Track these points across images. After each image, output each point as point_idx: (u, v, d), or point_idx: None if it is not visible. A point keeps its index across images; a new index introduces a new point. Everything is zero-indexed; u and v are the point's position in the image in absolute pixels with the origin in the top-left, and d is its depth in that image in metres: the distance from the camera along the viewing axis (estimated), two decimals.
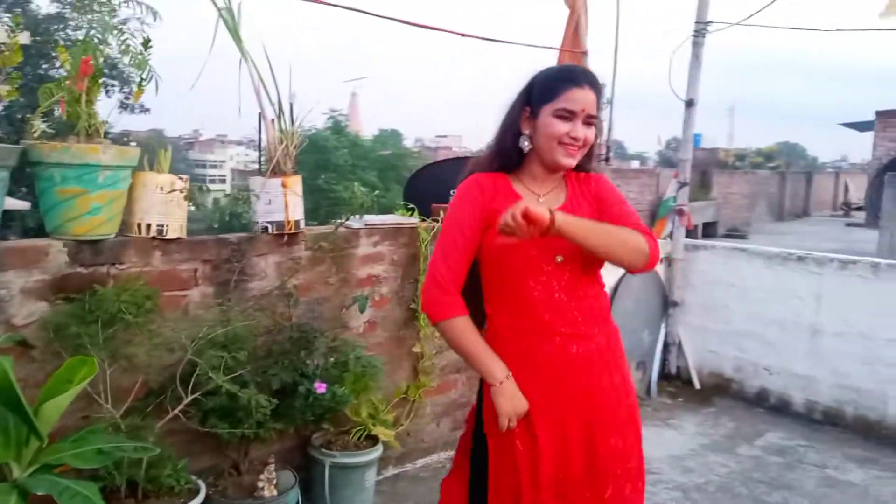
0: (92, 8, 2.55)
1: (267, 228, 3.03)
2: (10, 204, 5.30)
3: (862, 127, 20.55)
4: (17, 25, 2.49)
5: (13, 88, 2.47)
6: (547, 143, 1.95)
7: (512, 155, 2.01)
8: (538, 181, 2.02)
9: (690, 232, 5.42)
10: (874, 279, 4.36)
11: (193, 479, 2.60)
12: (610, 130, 5.12)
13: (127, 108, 16.05)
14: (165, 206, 2.70)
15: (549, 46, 4.63)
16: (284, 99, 3.08)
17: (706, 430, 4.47)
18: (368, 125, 32.86)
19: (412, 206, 3.72)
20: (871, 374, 4.36)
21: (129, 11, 2.69)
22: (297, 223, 3.09)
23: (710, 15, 5.07)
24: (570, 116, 1.92)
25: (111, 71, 14.48)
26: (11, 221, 11.72)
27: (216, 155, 72.68)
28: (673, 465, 3.93)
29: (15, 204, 7.09)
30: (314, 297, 3.23)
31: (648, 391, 5.07)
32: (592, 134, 1.97)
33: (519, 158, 2.02)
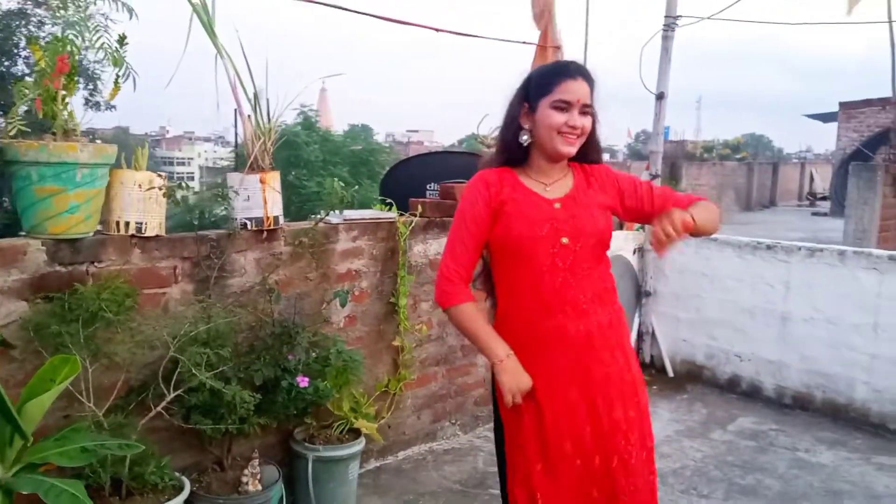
0: (66, 4, 2.53)
1: (246, 225, 3.03)
2: None
3: (826, 118, 20.96)
4: None
5: None
6: (547, 133, 2.05)
7: (515, 150, 2.12)
8: (544, 172, 2.14)
9: None
10: (840, 266, 4.47)
11: (177, 475, 2.61)
12: None
13: (92, 105, 15.72)
14: (144, 203, 2.69)
15: (522, 41, 4.68)
16: (261, 94, 3.08)
17: (680, 416, 4.56)
18: (339, 120, 32.72)
19: (390, 200, 3.73)
20: (838, 358, 4.48)
21: (104, 7, 2.67)
22: (276, 219, 3.09)
23: (679, 9, 5.15)
24: (566, 107, 2.03)
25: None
26: None
27: (184, 152, 71.61)
28: None
29: None
30: (294, 292, 3.23)
31: None
32: (589, 123, 2.08)
33: (523, 153, 2.13)
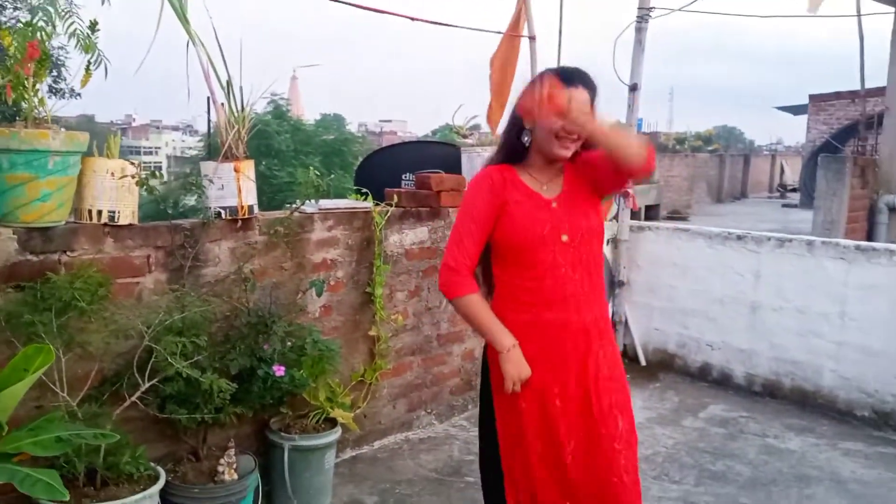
0: None
1: (220, 214, 3.01)
2: None
3: (796, 110, 21.22)
4: None
5: None
6: (544, 136, 2.18)
7: (517, 148, 2.26)
8: (540, 171, 2.27)
9: (634, 214, 5.56)
10: (809, 256, 4.56)
11: (153, 465, 2.59)
12: None
13: (56, 92, 15.38)
14: (117, 191, 2.67)
15: (496, 31, 4.69)
16: (234, 82, 3.06)
17: (653, 404, 4.63)
18: (310, 109, 32.44)
19: (365, 190, 3.73)
20: (806, 346, 4.57)
21: None
22: (250, 208, 3.07)
23: (652, 1, 5.18)
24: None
25: None
26: None
27: (151, 141, 70.41)
28: None
29: None
30: (270, 282, 3.22)
31: None
32: None
33: (523, 152, 2.26)
